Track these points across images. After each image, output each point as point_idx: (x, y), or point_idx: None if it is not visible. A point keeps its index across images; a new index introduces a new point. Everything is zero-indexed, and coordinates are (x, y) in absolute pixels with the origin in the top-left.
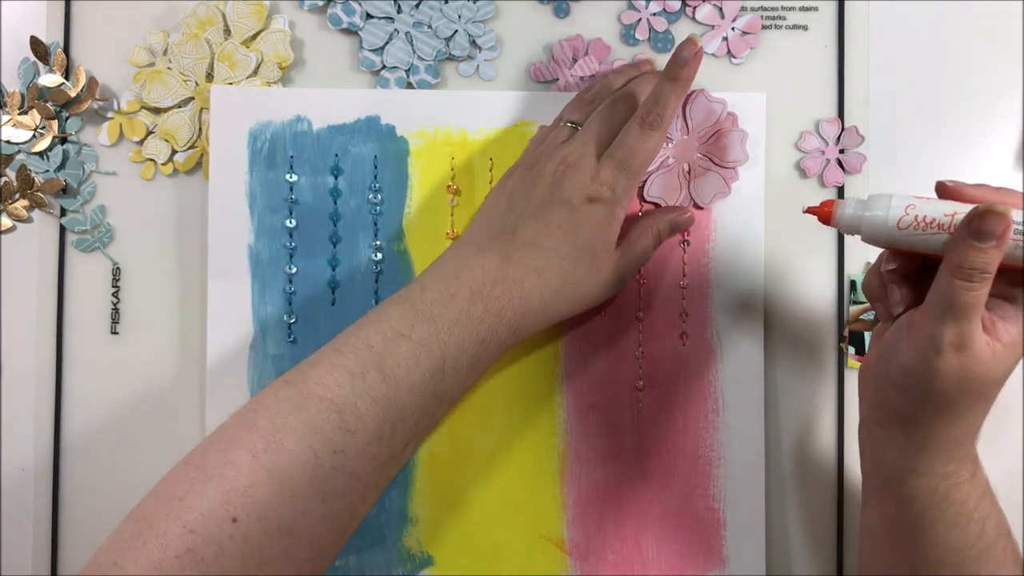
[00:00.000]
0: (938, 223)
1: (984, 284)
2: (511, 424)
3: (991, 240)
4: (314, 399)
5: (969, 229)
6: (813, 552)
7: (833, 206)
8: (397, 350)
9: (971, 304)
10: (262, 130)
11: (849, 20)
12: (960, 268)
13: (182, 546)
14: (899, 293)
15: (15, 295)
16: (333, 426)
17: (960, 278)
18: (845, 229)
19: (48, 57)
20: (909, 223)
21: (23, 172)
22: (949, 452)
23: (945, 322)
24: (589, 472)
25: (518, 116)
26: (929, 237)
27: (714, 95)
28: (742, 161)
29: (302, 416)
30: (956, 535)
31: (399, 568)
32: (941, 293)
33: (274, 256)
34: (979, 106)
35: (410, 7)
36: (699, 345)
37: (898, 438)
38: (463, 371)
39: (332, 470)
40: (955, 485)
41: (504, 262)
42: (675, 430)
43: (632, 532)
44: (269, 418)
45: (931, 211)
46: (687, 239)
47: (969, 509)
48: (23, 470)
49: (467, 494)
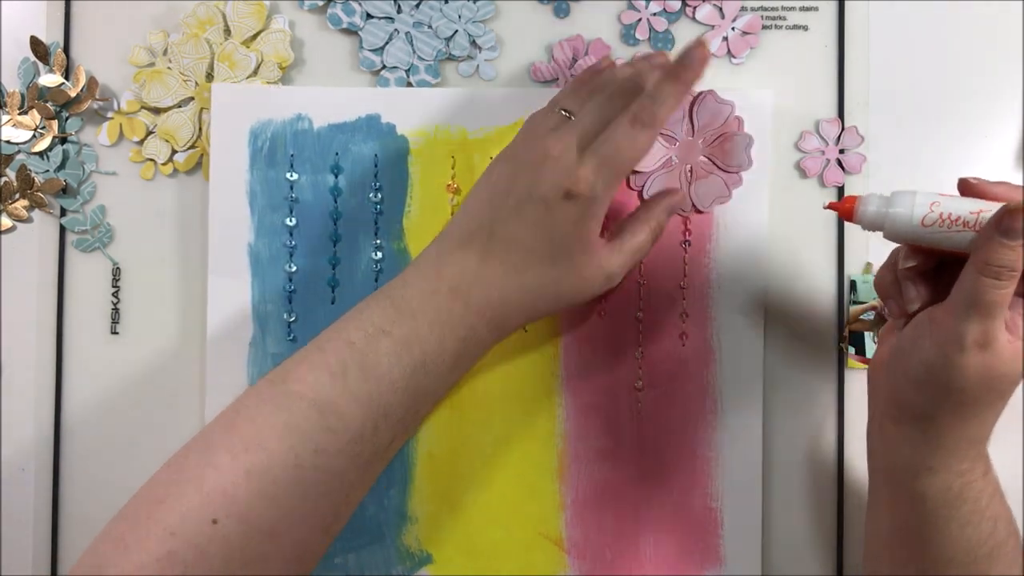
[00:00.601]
0: (963, 220)
1: (1011, 282)
2: (510, 423)
3: (1019, 238)
4: (295, 398)
5: (999, 227)
6: (813, 552)
7: (856, 202)
8: (378, 347)
9: (997, 302)
10: (263, 128)
11: (849, 20)
12: (987, 265)
13: (163, 549)
14: (915, 290)
15: (15, 295)
16: (314, 425)
17: (988, 275)
18: (868, 226)
19: (48, 57)
20: (934, 220)
21: (23, 172)
22: (965, 450)
23: (970, 319)
24: (588, 471)
25: (518, 115)
26: (954, 235)
27: (723, 97)
28: (746, 166)
29: (283, 416)
30: (969, 533)
31: (398, 566)
32: (967, 290)
33: (274, 254)
34: (979, 106)
35: (410, 7)
36: (699, 346)
37: (914, 435)
38: (445, 368)
39: (314, 470)
40: (969, 483)
41: (483, 261)
42: (674, 430)
43: (630, 531)
44: (250, 419)
45: (956, 208)
46: (688, 240)
47: (982, 507)
48: (23, 470)
49: (466, 493)
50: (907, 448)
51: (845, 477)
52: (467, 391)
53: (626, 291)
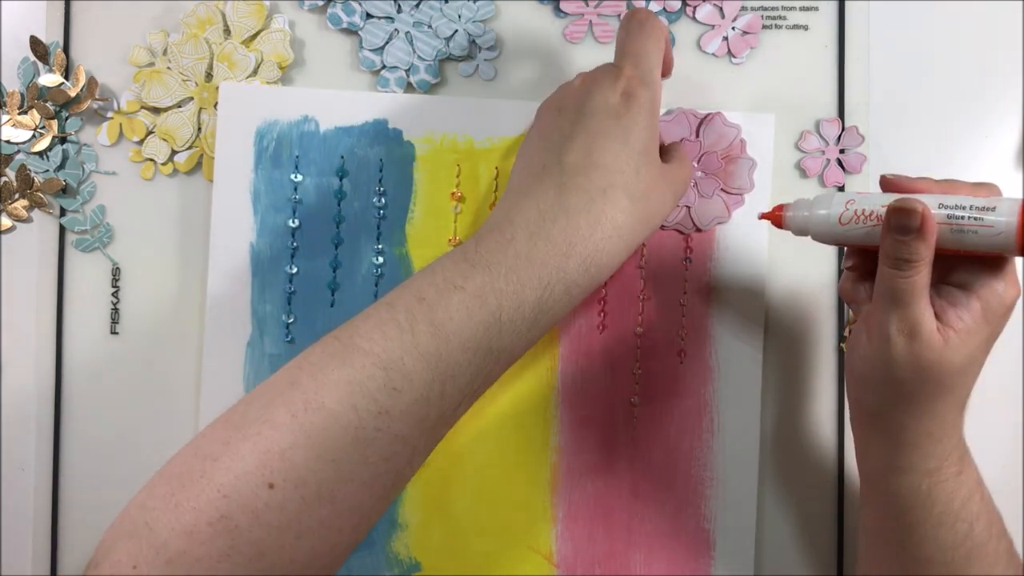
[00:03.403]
0: (876, 215)
1: (916, 271)
2: (505, 434)
3: (909, 233)
4: (360, 354)
5: (889, 223)
6: (810, 570)
7: (783, 209)
8: (450, 302)
9: (908, 290)
10: (269, 129)
11: (849, 20)
12: (890, 258)
13: (215, 512)
14: (863, 291)
15: (15, 295)
16: (378, 384)
17: (892, 267)
18: (797, 231)
19: (48, 57)
20: (850, 218)
21: (23, 172)
22: (928, 448)
23: (890, 310)
24: (580, 486)
25: (525, 126)
26: (871, 230)
27: (730, 119)
28: (748, 189)
29: (345, 372)
30: (943, 534)
31: (387, 572)
32: (882, 283)
33: (276, 255)
34: (979, 106)
35: (410, 7)
36: (697, 364)
37: (875, 436)
38: (524, 322)
39: (376, 432)
40: (939, 483)
41: (561, 192)
42: (669, 448)
43: (621, 548)
44: (312, 375)
45: (869, 204)
46: (689, 257)
47: (955, 508)
48: (23, 470)
49: (458, 502)
50: (873, 449)
51: (845, 490)
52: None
53: (627, 306)
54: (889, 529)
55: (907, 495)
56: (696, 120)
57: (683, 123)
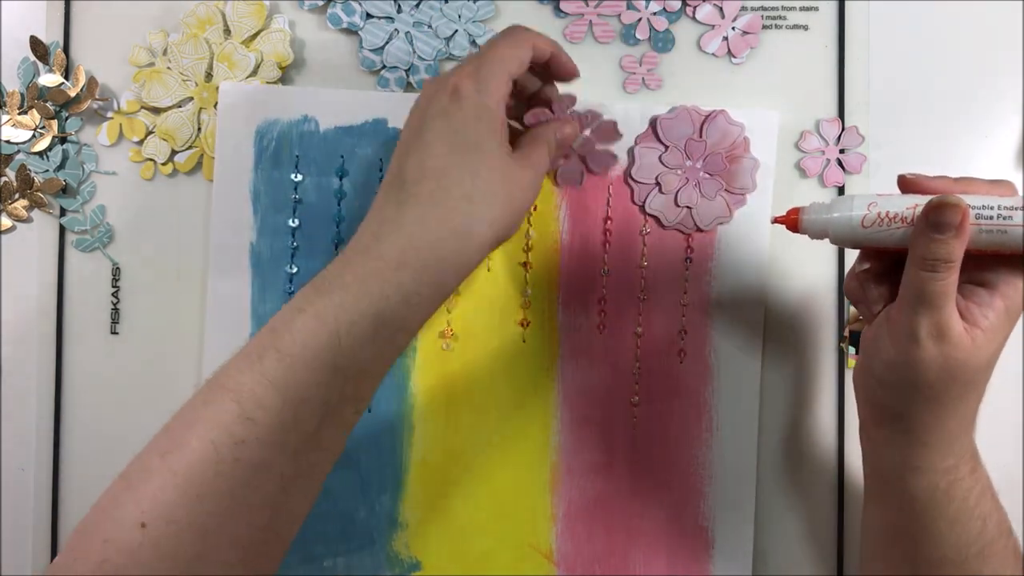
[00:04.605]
0: (901, 217)
1: (949, 272)
2: (505, 433)
3: (949, 231)
4: (219, 390)
5: (927, 221)
6: (810, 570)
7: (799, 213)
8: (293, 326)
9: (940, 292)
10: (269, 128)
11: (849, 20)
12: (923, 260)
13: (98, 558)
14: (876, 291)
15: (15, 295)
16: (233, 416)
17: (925, 269)
18: (813, 234)
19: (48, 57)
20: (873, 220)
21: (23, 172)
22: (947, 446)
23: (919, 313)
24: (580, 484)
25: None
26: (895, 232)
27: (734, 118)
28: (750, 189)
29: (207, 410)
30: (958, 532)
31: (387, 571)
32: (911, 285)
33: (276, 255)
34: (979, 106)
35: (410, 7)
36: (697, 363)
37: (894, 436)
38: (364, 337)
39: (235, 462)
40: (956, 481)
41: (400, 207)
42: (668, 447)
43: (620, 546)
44: (180, 417)
45: (893, 206)
46: (690, 256)
47: (970, 505)
48: (23, 470)
49: (457, 501)
50: (890, 449)
51: (845, 488)
52: (463, 399)
53: (627, 305)
54: (903, 528)
55: (925, 494)
56: (700, 118)
57: (686, 120)
